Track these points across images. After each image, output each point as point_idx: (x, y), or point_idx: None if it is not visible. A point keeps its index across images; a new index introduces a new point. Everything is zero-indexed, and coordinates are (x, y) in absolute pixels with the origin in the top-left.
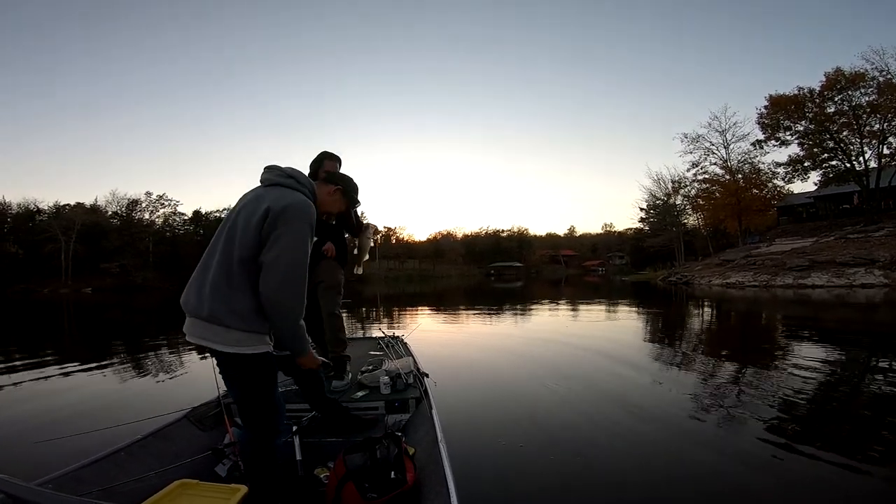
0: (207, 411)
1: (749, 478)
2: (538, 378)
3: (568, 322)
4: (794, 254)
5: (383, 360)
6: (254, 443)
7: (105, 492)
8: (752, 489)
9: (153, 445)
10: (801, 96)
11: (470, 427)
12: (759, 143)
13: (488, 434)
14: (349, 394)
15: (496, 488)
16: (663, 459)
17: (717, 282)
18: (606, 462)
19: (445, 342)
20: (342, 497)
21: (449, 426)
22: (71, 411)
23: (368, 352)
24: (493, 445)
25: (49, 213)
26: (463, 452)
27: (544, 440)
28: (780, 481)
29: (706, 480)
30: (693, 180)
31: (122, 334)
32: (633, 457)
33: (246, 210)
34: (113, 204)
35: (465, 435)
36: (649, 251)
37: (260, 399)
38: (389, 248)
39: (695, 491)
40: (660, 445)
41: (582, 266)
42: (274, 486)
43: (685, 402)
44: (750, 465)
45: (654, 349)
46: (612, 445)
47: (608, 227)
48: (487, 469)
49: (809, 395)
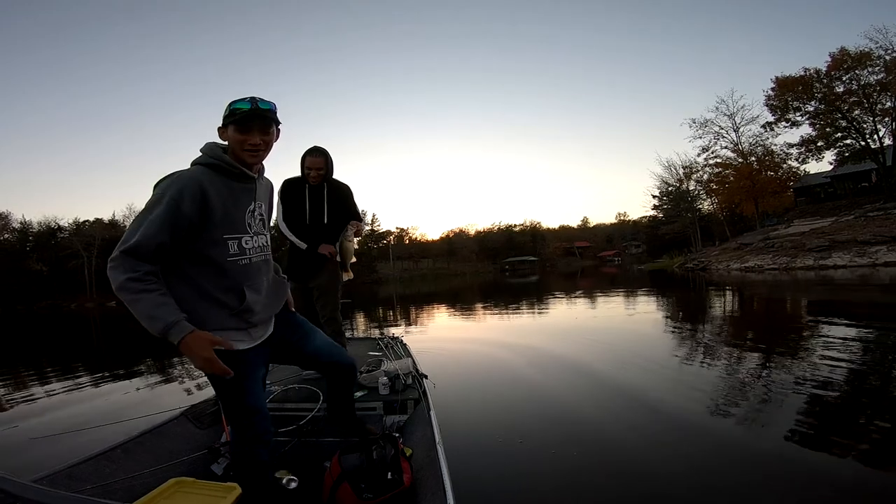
0: (205, 409)
1: (768, 476)
2: (542, 377)
3: (578, 314)
4: (814, 234)
5: (382, 361)
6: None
7: (100, 489)
8: (771, 488)
9: (150, 443)
10: (807, 77)
11: (469, 429)
12: (769, 126)
13: (487, 436)
14: None
15: (494, 491)
16: (672, 459)
17: (736, 266)
18: (610, 462)
19: (450, 342)
20: (337, 497)
21: (447, 428)
22: (71, 410)
23: (367, 352)
24: (491, 447)
25: (70, 230)
26: (461, 454)
27: (545, 441)
28: (802, 479)
29: (715, 478)
30: (705, 165)
31: (141, 343)
32: (640, 456)
33: None
34: (130, 218)
35: (464, 437)
36: (665, 238)
37: (224, 398)
38: (403, 249)
39: (705, 490)
40: (670, 445)
41: (598, 257)
42: (260, 488)
43: (697, 399)
44: (769, 465)
45: (666, 341)
46: (619, 445)
47: (622, 216)
48: (485, 471)
49: (838, 387)
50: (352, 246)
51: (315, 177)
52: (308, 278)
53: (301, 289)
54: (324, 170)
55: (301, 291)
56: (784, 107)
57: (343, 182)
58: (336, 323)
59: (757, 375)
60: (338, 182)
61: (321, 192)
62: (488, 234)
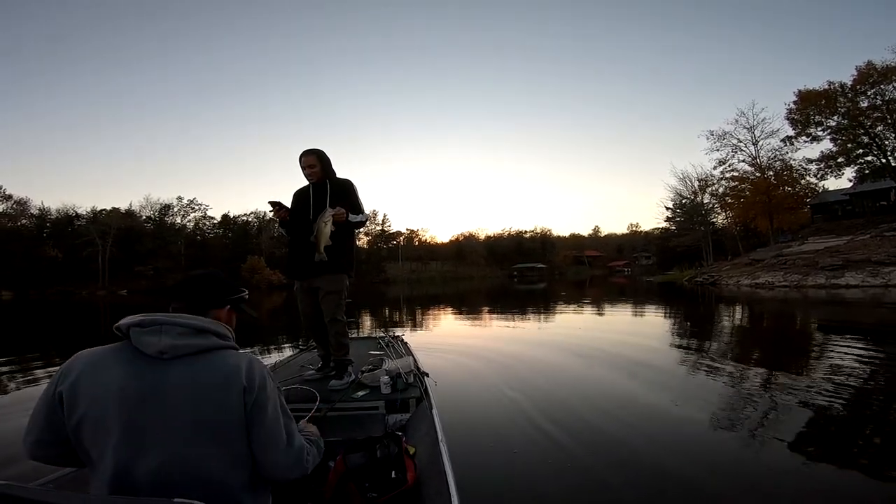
0: None
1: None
2: (543, 379)
3: (583, 321)
4: (827, 253)
5: (383, 360)
6: None
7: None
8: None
9: None
10: (831, 91)
11: (471, 426)
12: (789, 140)
13: (489, 433)
14: (349, 393)
15: (498, 487)
16: (675, 461)
17: (746, 282)
18: (611, 462)
19: (454, 342)
20: (342, 496)
21: (450, 426)
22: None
23: (369, 351)
24: (494, 444)
25: (87, 218)
26: (464, 452)
27: (547, 439)
28: (807, 493)
29: (723, 485)
30: (720, 178)
31: None
32: (640, 460)
33: None
34: (147, 208)
35: (467, 434)
36: (676, 251)
37: None
38: (412, 250)
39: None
40: (671, 447)
41: (607, 267)
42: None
43: (703, 407)
44: (775, 479)
45: (670, 351)
46: (618, 447)
47: (634, 226)
48: (489, 468)
49: (844, 404)
50: (327, 228)
51: (311, 174)
52: (311, 275)
53: (306, 288)
54: (317, 167)
55: (307, 291)
56: (805, 121)
57: (345, 179)
58: (338, 324)
59: (760, 391)
60: (340, 179)
61: (324, 190)
62: (498, 240)
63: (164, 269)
